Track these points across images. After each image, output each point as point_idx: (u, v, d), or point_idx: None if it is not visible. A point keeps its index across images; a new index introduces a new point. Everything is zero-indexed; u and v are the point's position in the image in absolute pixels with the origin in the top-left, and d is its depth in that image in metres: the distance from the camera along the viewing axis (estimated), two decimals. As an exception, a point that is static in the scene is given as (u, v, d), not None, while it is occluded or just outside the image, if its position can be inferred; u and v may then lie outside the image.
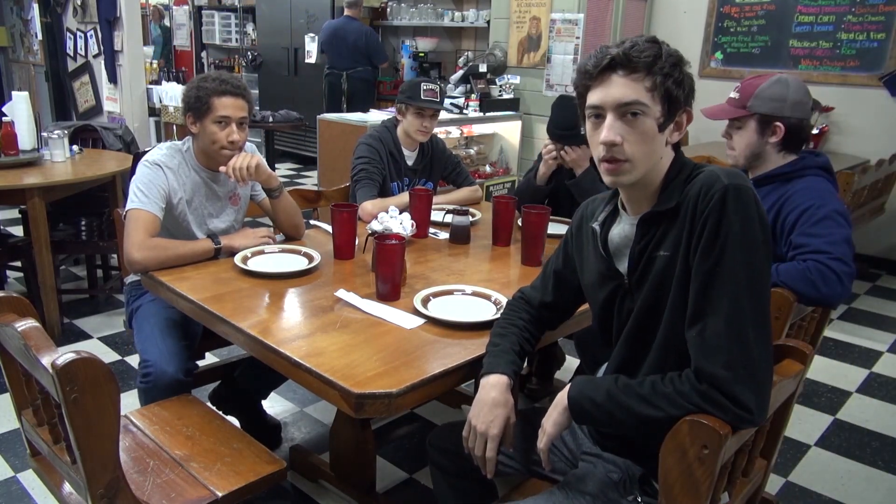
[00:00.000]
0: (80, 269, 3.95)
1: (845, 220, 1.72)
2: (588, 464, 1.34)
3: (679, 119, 1.17)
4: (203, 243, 1.94)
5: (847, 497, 2.20)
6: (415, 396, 1.31)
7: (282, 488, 2.12)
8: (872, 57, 4.29)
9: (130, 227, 1.87)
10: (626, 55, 1.12)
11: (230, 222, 2.15)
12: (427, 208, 2.24)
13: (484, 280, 1.86)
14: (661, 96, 1.13)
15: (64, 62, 5.77)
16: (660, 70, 1.12)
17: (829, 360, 3.21)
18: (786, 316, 1.48)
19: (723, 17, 4.84)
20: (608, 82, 1.14)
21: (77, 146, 3.40)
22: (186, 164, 2.04)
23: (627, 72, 1.13)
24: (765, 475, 1.41)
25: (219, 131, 1.96)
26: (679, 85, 1.14)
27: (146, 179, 1.94)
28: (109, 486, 1.18)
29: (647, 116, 1.13)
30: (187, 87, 2.01)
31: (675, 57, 1.14)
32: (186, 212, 2.03)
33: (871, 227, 4.24)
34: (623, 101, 1.13)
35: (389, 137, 2.56)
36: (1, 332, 1.28)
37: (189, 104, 1.98)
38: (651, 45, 1.13)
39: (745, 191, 1.08)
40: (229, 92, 1.96)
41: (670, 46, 1.15)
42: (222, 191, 2.12)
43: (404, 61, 6.20)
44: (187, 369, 1.85)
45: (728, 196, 1.07)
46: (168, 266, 1.85)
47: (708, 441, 0.98)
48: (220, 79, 1.98)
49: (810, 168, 1.82)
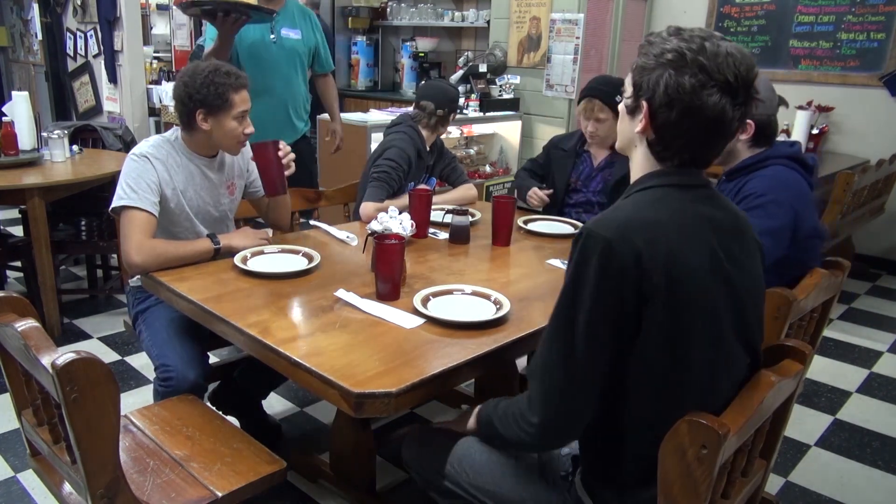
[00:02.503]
0: (80, 269, 3.95)
1: (784, 211, 1.73)
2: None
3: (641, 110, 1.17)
4: (202, 243, 1.93)
5: (847, 497, 2.20)
6: (415, 396, 1.31)
7: (282, 488, 2.12)
8: (872, 57, 4.29)
9: (127, 230, 1.85)
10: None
11: (225, 211, 2.14)
12: (427, 208, 2.24)
13: (484, 280, 1.86)
14: (632, 79, 1.17)
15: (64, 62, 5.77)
16: (642, 52, 1.16)
17: (829, 360, 3.20)
18: (785, 316, 1.48)
19: (723, 17, 4.83)
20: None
21: (77, 146, 3.40)
22: (177, 153, 2.00)
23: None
24: (765, 475, 1.41)
25: (238, 126, 1.95)
26: (640, 71, 1.15)
27: (134, 173, 1.90)
28: (109, 486, 1.18)
29: (624, 96, 1.20)
30: (191, 81, 1.90)
31: (660, 41, 1.14)
32: (183, 203, 2.00)
33: (871, 227, 4.24)
34: None
35: (417, 136, 2.58)
36: (1, 332, 1.28)
37: (203, 100, 1.89)
38: (667, 30, 1.15)
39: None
40: (244, 85, 1.95)
41: (676, 38, 1.11)
42: (219, 178, 2.10)
43: (404, 61, 6.19)
44: (207, 374, 1.87)
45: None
46: (168, 267, 1.85)
47: (707, 441, 0.98)
48: (233, 73, 1.94)
49: (774, 158, 1.84)
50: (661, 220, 1.08)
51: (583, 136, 2.58)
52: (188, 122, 1.96)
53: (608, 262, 1.04)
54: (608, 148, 2.53)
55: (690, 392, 1.10)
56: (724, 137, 1.12)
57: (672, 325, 1.06)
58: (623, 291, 1.05)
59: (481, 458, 1.39)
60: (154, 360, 1.88)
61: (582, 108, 2.47)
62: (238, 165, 2.18)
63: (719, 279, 1.11)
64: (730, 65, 1.06)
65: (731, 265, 1.13)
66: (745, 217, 1.23)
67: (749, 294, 1.17)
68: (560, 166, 2.61)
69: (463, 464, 1.40)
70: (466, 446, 1.42)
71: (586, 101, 2.45)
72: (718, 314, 1.11)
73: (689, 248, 1.08)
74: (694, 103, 1.07)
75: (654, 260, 1.04)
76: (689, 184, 1.15)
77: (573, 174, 2.58)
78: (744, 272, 1.16)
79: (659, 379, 1.09)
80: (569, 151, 2.60)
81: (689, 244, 1.08)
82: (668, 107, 1.09)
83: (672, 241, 1.07)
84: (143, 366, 2.87)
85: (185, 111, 1.94)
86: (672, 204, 1.12)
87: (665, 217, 1.09)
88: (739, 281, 1.14)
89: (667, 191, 1.13)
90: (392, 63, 6.63)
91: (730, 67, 1.06)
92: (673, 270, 1.05)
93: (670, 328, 1.06)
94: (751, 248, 1.20)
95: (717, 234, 1.12)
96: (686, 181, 1.15)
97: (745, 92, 1.08)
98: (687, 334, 1.08)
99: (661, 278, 1.04)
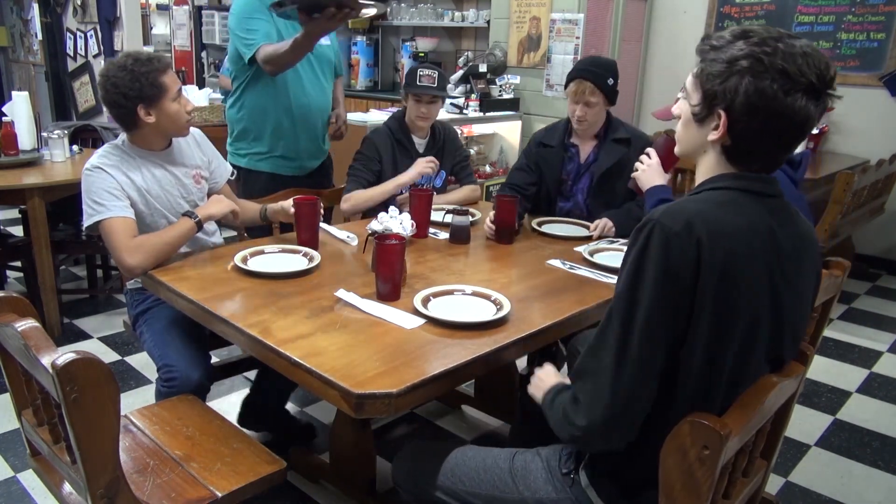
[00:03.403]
0: (80, 269, 3.95)
1: None
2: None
3: (717, 117, 1.15)
4: (183, 222, 1.92)
5: (847, 497, 2.20)
6: (415, 396, 1.31)
7: (282, 488, 2.11)
8: (872, 57, 4.29)
9: (111, 240, 1.85)
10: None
11: (194, 201, 2.10)
12: (427, 208, 2.24)
13: (484, 280, 1.85)
14: (699, 87, 1.15)
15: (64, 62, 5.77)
16: (707, 58, 1.13)
17: (829, 360, 3.20)
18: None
19: (723, 17, 4.84)
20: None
21: (77, 146, 3.40)
22: (129, 156, 1.97)
23: (699, 57, 1.17)
24: (765, 475, 1.41)
25: (179, 106, 1.95)
26: (712, 78, 1.12)
27: (94, 187, 1.88)
28: (109, 486, 1.18)
29: (689, 104, 1.18)
30: (120, 81, 1.86)
31: (726, 43, 1.11)
32: (152, 202, 1.98)
33: (871, 227, 4.24)
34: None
35: (397, 126, 2.58)
36: (1, 332, 1.28)
37: (140, 94, 1.86)
38: (729, 32, 1.13)
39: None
40: (168, 65, 1.93)
41: (744, 41, 1.09)
42: (180, 170, 2.07)
43: (404, 61, 6.19)
44: (210, 374, 1.87)
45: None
46: (164, 257, 1.85)
47: (709, 441, 0.98)
48: (152, 57, 1.91)
49: None
50: (727, 222, 1.07)
51: (567, 128, 2.47)
52: (131, 121, 1.93)
53: (671, 253, 1.03)
54: (593, 137, 2.44)
55: (711, 395, 1.10)
56: (804, 138, 1.10)
57: (711, 331, 1.06)
58: (682, 283, 1.04)
59: (476, 464, 1.39)
60: (156, 361, 1.88)
61: (571, 90, 2.32)
62: (196, 155, 2.15)
63: (769, 296, 1.10)
64: (810, 66, 1.03)
65: (783, 285, 1.12)
66: (811, 233, 1.21)
67: (793, 315, 1.16)
68: (549, 164, 2.49)
69: (457, 473, 1.39)
70: (459, 455, 1.42)
71: (576, 83, 2.30)
72: (758, 328, 1.10)
73: (748, 257, 1.06)
74: (778, 109, 1.04)
75: (714, 256, 1.03)
76: (763, 192, 1.13)
77: (563, 171, 2.49)
78: (794, 293, 1.15)
79: (690, 381, 1.08)
80: (556, 147, 2.48)
81: (749, 253, 1.07)
82: (750, 115, 1.06)
83: (735, 245, 1.05)
84: (143, 366, 2.86)
85: (125, 112, 1.91)
86: (742, 209, 1.10)
87: (732, 220, 1.07)
88: (788, 301, 1.13)
89: (739, 195, 1.11)
90: (392, 63, 6.63)
91: (811, 68, 1.03)
92: (728, 273, 1.04)
93: (709, 333, 1.06)
94: (806, 270, 1.19)
95: (777, 251, 1.11)
96: (759, 188, 1.13)
97: (826, 91, 1.06)
98: (724, 341, 1.07)
99: (714, 277, 1.03)
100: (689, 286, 1.04)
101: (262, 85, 2.58)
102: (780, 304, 1.12)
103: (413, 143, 2.60)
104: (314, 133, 2.74)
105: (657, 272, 1.04)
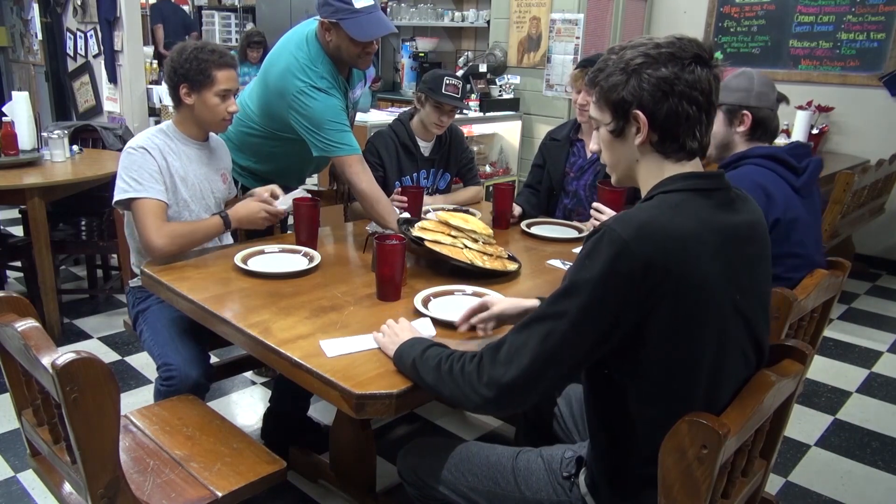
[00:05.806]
0: (80, 269, 3.95)
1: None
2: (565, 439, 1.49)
3: (635, 121, 1.15)
4: (213, 220, 1.98)
5: (847, 497, 2.20)
6: (415, 397, 1.31)
7: (282, 488, 2.11)
8: (872, 57, 4.29)
9: (143, 219, 1.89)
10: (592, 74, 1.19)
11: (219, 200, 2.16)
12: (418, 205, 2.25)
13: (484, 280, 1.85)
14: (606, 105, 1.17)
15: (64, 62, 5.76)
16: (600, 80, 1.16)
17: (829, 360, 3.20)
18: (785, 316, 1.48)
19: (723, 17, 4.84)
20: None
21: (77, 146, 3.40)
22: (171, 140, 2.03)
23: (589, 88, 1.21)
24: (765, 475, 1.41)
25: (220, 103, 1.99)
26: (614, 89, 1.14)
27: (135, 165, 1.93)
28: (109, 486, 1.18)
29: (603, 127, 1.19)
30: (178, 56, 1.96)
31: (613, 61, 1.14)
32: (184, 190, 2.01)
33: (871, 227, 4.24)
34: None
35: (403, 130, 2.55)
36: (1, 332, 1.28)
37: (186, 75, 1.94)
38: (607, 54, 1.17)
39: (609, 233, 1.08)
40: (229, 64, 1.98)
41: (626, 50, 1.14)
42: (214, 166, 2.14)
43: (404, 61, 6.19)
44: (209, 373, 1.87)
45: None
46: (187, 248, 1.91)
47: (707, 441, 0.98)
48: (218, 51, 1.98)
49: (751, 157, 1.82)
50: (679, 226, 1.07)
51: (575, 124, 2.52)
52: (175, 97, 2.00)
53: (619, 261, 1.04)
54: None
55: (697, 395, 1.10)
56: (714, 107, 1.14)
57: (679, 332, 1.06)
58: (626, 294, 1.04)
59: (480, 460, 1.39)
60: (156, 360, 1.89)
61: (574, 76, 2.35)
62: (225, 158, 2.24)
63: (732, 286, 1.10)
64: (686, 44, 1.11)
65: (744, 270, 1.13)
66: (761, 216, 1.22)
67: (760, 296, 1.18)
68: (554, 157, 2.54)
69: (461, 468, 1.40)
70: (463, 451, 1.42)
71: (580, 70, 2.34)
72: (727, 320, 1.10)
73: (704, 256, 1.07)
74: (682, 85, 1.10)
75: (666, 267, 1.03)
76: (710, 188, 1.14)
77: (567, 164, 2.52)
78: (756, 273, 1.16)
79: (664, 384, 1.09)
80: (562, 141, 2.53)
81: (705, 252, 1.07)
82: (662, 101, 1.10)
83: (688, 248, 1.06)
84: (143, 366, 2.87)
85: (171, 87, 2.00)
86: (693, 210, 1.11)
87: (684, 223, 1.08)
88: (751, 284, 1.14)
89: (689, 195, 1.13)
90: (392, 63, 6.62)
91: (690, 45, 1.11)
92: (684, 278, 1.04)
93: (677, 335, 1.06)
94: (764, 250, 1.20)
95: (734, 241, 1.12)
96: (707, 185, 1.14)
97: (711, 58, 1.12)
98: (694, 341, 1.07)
99: (670, 285, 1.04)
100: (634, 292, 1.04)
101: (283, 142, 2.39)
102: (745, 290, 1.13)
103: (418, 147, 2.57)
104: (304, 173, 2.70)
105: (603, 274, 1.05)
